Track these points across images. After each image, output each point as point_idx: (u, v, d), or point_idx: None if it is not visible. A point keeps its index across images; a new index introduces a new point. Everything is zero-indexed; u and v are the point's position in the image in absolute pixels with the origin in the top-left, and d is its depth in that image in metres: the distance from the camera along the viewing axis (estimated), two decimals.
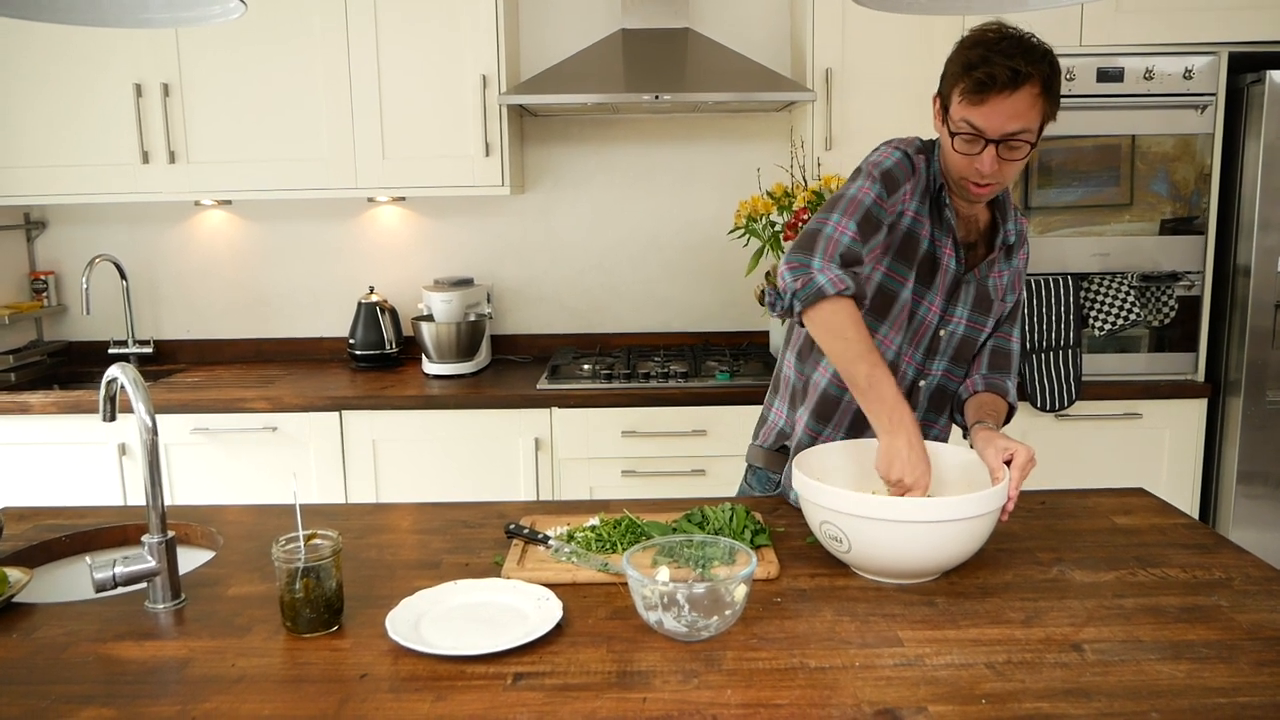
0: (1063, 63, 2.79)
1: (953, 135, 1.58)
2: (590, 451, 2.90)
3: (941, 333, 1.76)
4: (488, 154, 3.06)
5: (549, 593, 1.37)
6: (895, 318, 1.71)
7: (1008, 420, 1.79)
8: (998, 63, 1.49)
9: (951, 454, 1.64)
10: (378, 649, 1.25)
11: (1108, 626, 1.28)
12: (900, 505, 1.37)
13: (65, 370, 3.40)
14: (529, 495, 2.91)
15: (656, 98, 2.88)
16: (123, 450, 2.90)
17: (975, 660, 1.20)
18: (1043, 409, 2.87)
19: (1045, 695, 1.11)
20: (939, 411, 1.85)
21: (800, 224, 2.84)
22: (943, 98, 1.61)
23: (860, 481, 1.61)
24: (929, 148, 1.70)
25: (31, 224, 3.45)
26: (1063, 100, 2.72)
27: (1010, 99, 1.51)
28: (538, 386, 2.93)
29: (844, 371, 1.54)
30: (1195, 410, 2.95)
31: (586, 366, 3.08)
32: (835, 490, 1.41)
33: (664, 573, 1.37)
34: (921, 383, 1.79)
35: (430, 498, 2.85)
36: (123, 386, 1.44)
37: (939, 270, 1.71)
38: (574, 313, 3.54)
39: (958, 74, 1.55)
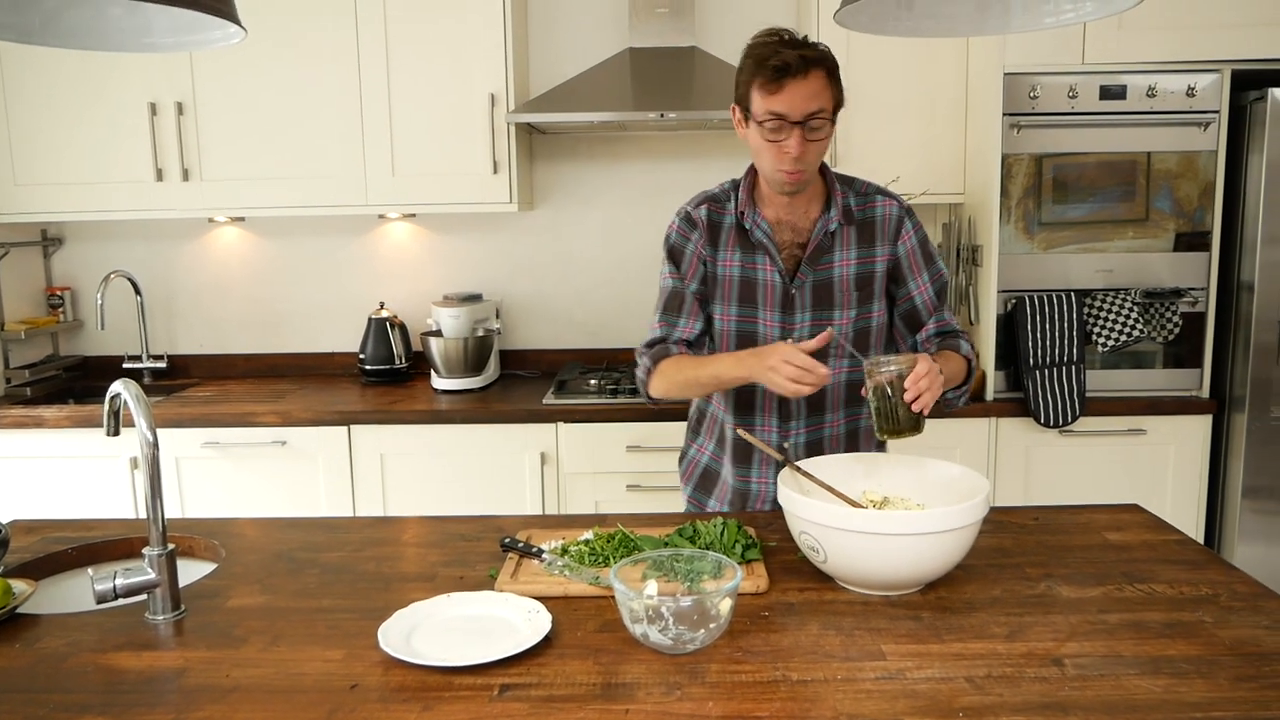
0: (1065, 80, 2.82)
1: (760, 124, 1.70)
2: (595, 466, 2.92)
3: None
4: (496, 171, 3.10)
5: (540, 605, 1.39)
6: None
7: (967, 380, 1.87)
8: (786, 53, 1.66)
9: (935, 469, 1.65)
10: (369, 660, 1.28)
11: (1090, 641, 1.29)
12: (874, 518, 1.39)
13: (80, 385, 3.45)
14: (535, 509, 2.94)
15: (662, 116, 2.91)
16: (134, 464, 2.95)
17: (955, 674, 1.21)
18: (1046, 424, 2.87)
19: (1022, 709, 1.12)
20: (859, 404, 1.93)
21: None
22: (740, 101, 1.75)
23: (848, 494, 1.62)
24: (716, 196, 1.89)
25: (49, 240, 3.52)
26: (1066, 117, 2.74)
27: (804, 82, 1.66)
28: (543, 402, 2.96)
29: (700, 390, 1.90)
30: (1200, 426, 2.94)
31: (593, 381, 3.11)
32: (810, 501, 1.44)
33: (652, 586, 1.39)
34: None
35: (437, 512, 2.88)
36: (126, 402, 1.48)
37: (759, 288, 1.86)
38: (582, 328, 3.57)
39: (752, 70, 1.71)
